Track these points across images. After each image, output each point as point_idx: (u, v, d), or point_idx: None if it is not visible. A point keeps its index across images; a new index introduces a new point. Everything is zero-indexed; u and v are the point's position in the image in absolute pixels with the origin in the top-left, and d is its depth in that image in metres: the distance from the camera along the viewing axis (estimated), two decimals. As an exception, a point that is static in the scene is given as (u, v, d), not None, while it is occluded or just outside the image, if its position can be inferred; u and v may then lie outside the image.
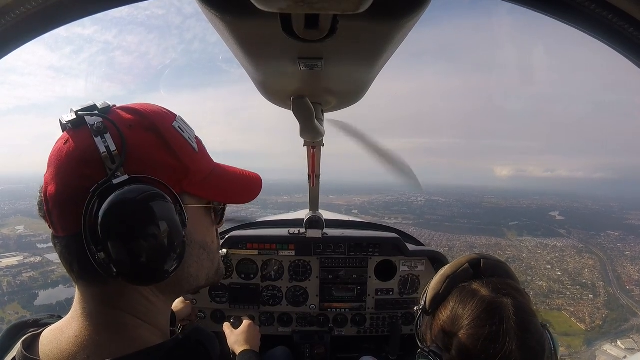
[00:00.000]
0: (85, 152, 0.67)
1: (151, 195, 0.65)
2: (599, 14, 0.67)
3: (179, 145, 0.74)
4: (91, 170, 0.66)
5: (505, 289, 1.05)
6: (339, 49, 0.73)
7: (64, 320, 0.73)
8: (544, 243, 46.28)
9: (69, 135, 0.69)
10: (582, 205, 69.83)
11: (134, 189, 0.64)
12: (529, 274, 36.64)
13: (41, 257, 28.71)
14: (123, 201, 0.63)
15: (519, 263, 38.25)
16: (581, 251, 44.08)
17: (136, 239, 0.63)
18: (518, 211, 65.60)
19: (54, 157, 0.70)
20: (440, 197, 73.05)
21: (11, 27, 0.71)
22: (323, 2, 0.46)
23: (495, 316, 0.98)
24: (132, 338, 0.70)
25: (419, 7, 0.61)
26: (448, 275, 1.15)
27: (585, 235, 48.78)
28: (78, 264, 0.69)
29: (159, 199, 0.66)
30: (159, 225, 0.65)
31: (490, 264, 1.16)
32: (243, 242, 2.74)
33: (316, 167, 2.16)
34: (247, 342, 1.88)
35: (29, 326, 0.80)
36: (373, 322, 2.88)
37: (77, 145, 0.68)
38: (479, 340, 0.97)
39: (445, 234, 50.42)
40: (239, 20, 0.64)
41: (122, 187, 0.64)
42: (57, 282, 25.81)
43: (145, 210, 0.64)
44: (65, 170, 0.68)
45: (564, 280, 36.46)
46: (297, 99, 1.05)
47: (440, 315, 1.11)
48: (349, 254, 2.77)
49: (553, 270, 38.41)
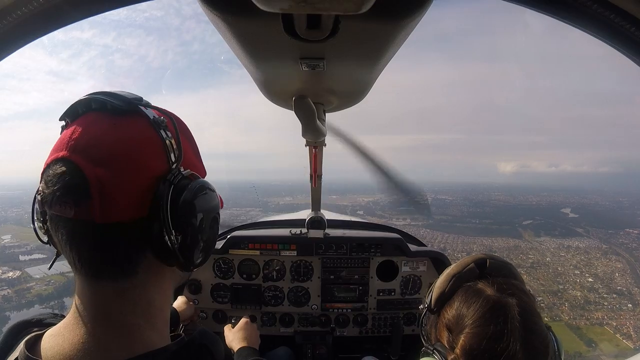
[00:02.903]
0: (150, 141, 0.69)
1: (212, 189, 0.76)
2: (601, 14, 0.67)
3: (198, 151, 0.85)
4: (155, 160, 0.69)
5: (511, 289, 1.05)
6: (341, 49, 0.74)
7: (68, 323, 0.71)
8: (565, 244, 44.10)
9: (117, 121, 0.68)
10: (591, 202, 68.16)
11: (202, 181, 0.74)
12: (559, 282, 34.24)
13: (21, 272, 26.75)
14: (200, 191, 0.72)
15: (545, 269, 36.08)
16: (606, 253, 41.82)
17: (206, 226, 0.74)
18: (529, 209, 64.14)
19: (104, 140, 0.66)
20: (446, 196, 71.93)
21: (11, 29, 0.71)
22: (325, 2, 0.47)
23: (499, 316, 0.98)
24: (137, 340, 0.70)
25: (420, 8, 0.61)
26: (454, 274, 1.16)
27: (605, 234, 46.98)
28: (116, 252, 0.67)
29: (214, 194, 0.78)
30: (217, 216, 0.78)
31: (496, 264, 1.16)
32: (245, 242, 2.75)
33: (318, 167, 2.17)
34: (244, 339, 1.88)
35: (32, 325, 0.79)
36: (375, 323, 2.88)
37: (140, 133, 0.69)
38: (483, 340, 0.97)
39: (459, 236, 48.81)
40: (241, 21, 0.64)
41: (190, 180, 0.72)
42: (33, 302, 23.62)
43: (211, 202, 0.76)
44: (127, 156, 0.66)
45: (598, 288, 33.81)
46: (299, 99, 1.05)
47: (445, 314, 1.11)
48: (351, 254, 2.77)
49: (583, 277, 35.71)
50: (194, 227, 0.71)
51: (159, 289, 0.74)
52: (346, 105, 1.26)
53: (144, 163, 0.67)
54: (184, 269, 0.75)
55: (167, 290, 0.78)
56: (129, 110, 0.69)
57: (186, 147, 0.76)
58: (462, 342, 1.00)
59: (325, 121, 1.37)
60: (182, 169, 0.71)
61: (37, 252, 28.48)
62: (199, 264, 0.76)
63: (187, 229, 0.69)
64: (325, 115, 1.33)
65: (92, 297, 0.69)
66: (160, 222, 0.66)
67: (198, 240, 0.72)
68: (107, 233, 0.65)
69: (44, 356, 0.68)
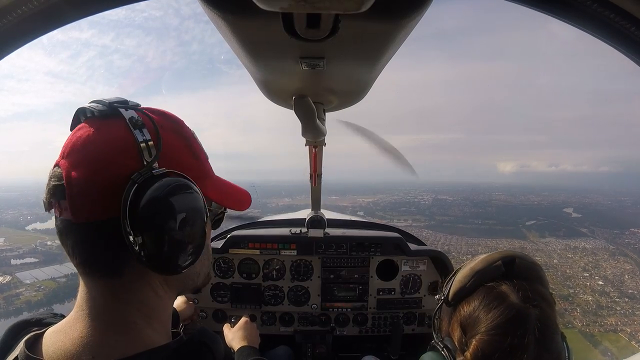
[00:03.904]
0: (123, 141, 0.69)
1: (190, 187, 0.71)
2: (601, 13, 0.67)
3: (199, 151, 0.82)
4: (128, 160, 0.68)
5: (536, 299, 1.00)
6: (341, 48, 0.74)
7: (69, 320, 0.72)
8: (571, 245, 43.37)
9: (97, 125, 0.71)
10: (593, 201, 67.94)
11: (175, 180, 0.69)
12: (569, 286, 33.50)
13: (11, 277, 26.48)
14: (169, 191, 0.67)
15: (553, 271, 35.40)
16: (614, 254, 41.08)
17: (174, 227, 0.67)
18: (531, 209, 63.79)
19: (81, 144, 0.69)
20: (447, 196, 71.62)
21: (9, 29, 0.71)
22: (325, 1, 0.46)
23: (518, 329, 0.94)
24: (137, 338, 0.70)
25: (420, 7, 0.61)
26: (478, 270, 1.09)
27: (610, 234, 46.54)
28: (96, 251, 0.69)
29: (195, 193, 0.71)
30: (194, 217, 0.71)
31: (524, 265, 1.10)
32: (245, 241, 2.75)
33: (318, 166, 2.17)
34: (244, 339, 1.88)
35: (32, 325, 0.79)
36: (375, 322, 2.88)
37: (113, 134, 0.70)
38: (497, 350, 0.94)
39: (462, 238, 48.27)
40: (240, 20, 0.64)
41: (162, 178, 0.68)
42: (21, 310, 23.40)
43: (186, 202, 0.69)
44: (99, 157, 0.68)
45: (609, 291, 33.25)
46: (298, 98, 1.05)
47: (462, 310, 1.07)
48: (351, 254, 2.77)
49: (593, 279, 35.20)
50: (158, 228, 0.66)
51: (149, 290, 0.74)
52: (346, 104, 1.26)
53: (116, 163, 0.68)
54: (160, 273, 0.72)
55: (161, 291, 0.76)
56: (110, 114, 0.71)
57: (176, 145, 0.76)
58: (475, 347, 0.97)
59: (325, 120, 1.37)
60: (157, 168, 0.69)
61: (29, 256, 27.93)
62: (174, 269, 0.71)
63: (149, 230, 0.65)
64: (325, 115, 1.33)
65: (89, 294, 0.71)
66: (124, 223, 0.65)
67: (163, 242, 0.67)
68: (85, 232, 0.68)
69: (45, 352, 0.69)
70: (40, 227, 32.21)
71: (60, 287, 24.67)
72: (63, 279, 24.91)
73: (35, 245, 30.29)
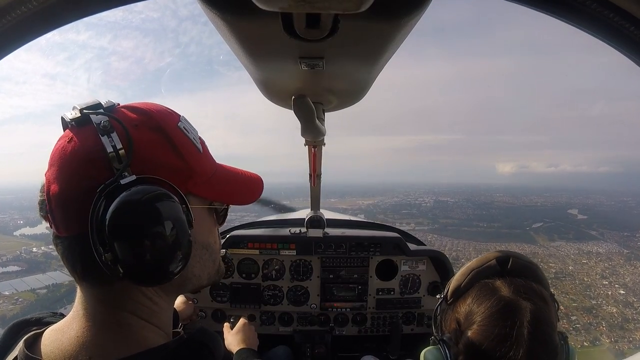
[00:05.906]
0: (91, 151, 0.65)
1: (159, 195, 0.65)
2: (600, 13, 0.67)
3: (184, 146, 0.74)
4: (97, 170, 0.65)
5: (528, 293, 1.01)
6: (340, 48, 0.74)
7: (66, 320, 0.73)
8: (583, 249, 40.77)
9: (72, 134, 0.68)
10: (596, 202, 66.46)
11: (142, 189, 0.63)
12: (590, 296, 29.90)
13: None
14: (131, 202, 0.62)
15: (571, 280, 31.95)
16: (629, 258, 38.41)
17: (144, 239, 0.63)
18: (535, 210, 62.51)
19: (57, 156, 0.68)
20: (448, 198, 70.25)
21: (6, 30, 0.71)
22: (324, 1, 0.46)
23: (508, 318, 0.95)
24: (134, 339, 0.70)
25: (419, 6, 0.61)
26: (473, 268, 1.13)
27: (620, 237, 44.43)
28: (81, 264, 0.68)
29: (166, 200, 0.65)
30: (166, 226, 0.64)
31: (519, 264, 1.11)
32: (244, 241, 2.74)
33: (317, 166, 2.17)
34: (243, 341, 1.87)
35: (31, 324, 0.79)
36: (374, 322, 2.88)
37: (82, 144, 0.66)
38: (487, 340, 0.95)
39: (470, 242, 45.77)
40: (240, 20, 0.64)
41: (130, 187, 0.63)
42: None
43: (153, 211, 0.63)
44: (69, 170, 0.66)
45: (633, 301, 29.33)
46: (298, 98, 1.05)
47: (458, 307, 1.10)
48: (350, 254, 2.77)
49: (613, 288, 31.64)
50: (126, 242, 0.62)
51: (142, 296, 0.72)
52: (345, 104, 1.26)
53: (86, 176, 0.65)
54: (142, 285, 0.69)
55: (155, 297, 0.74)
56: (83, 121, 0.68)
57: (153, 144, 0.70)
58: (467, 338, 1.00)
59: (324, 120, 1.37)
60: (128, 175, 0.64)
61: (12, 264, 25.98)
62: (157, 281, 0.67)
63: (118, 244, 0.62)
64: (324, 115, 1.33)
65: (83, 298, 0.72)
66: (93, 238, 0.63)
67: (134, 256, 0.63)
68: (69, 245, 0.69)
69: (43, 350, 0.69)
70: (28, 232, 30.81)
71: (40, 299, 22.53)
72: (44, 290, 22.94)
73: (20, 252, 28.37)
